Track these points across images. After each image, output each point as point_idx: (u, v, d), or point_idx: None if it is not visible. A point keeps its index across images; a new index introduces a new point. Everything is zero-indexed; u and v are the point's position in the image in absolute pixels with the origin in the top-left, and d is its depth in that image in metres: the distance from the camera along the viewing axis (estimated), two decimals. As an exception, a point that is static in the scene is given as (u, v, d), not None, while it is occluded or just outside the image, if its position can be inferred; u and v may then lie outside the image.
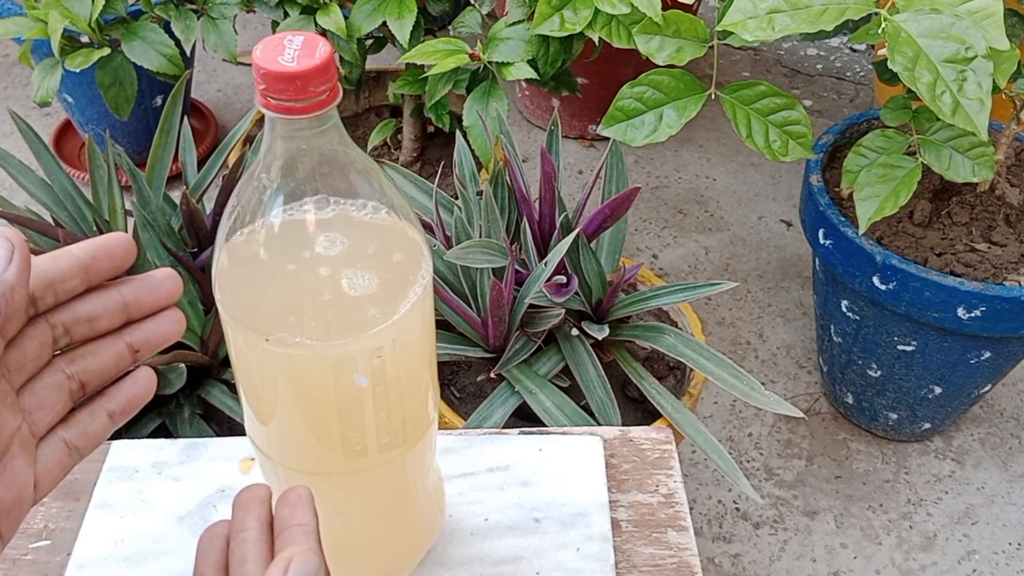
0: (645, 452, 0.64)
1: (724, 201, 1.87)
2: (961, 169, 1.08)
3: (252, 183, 0.41)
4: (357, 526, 0.53)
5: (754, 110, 1.01)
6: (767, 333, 1.62)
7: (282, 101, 0.37)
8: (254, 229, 0.41)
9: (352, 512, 0.52)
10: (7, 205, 1.04)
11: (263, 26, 2.22)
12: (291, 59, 0.37)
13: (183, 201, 1.02)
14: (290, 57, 0.37)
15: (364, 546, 0.54)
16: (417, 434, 0.49)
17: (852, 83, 2.16)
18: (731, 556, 1.33)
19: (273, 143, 0.39)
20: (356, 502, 0.51)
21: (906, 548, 1.34)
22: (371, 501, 0.51)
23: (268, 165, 0.40)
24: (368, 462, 0.47)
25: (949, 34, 0.82)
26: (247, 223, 0.41)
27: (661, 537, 0.59)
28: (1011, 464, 1.45)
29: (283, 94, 0.37)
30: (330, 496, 0.50)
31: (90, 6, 1.17)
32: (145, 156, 1.10)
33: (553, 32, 1.05)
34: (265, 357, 0.42)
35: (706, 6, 1.95)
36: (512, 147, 1.03)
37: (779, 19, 0.85)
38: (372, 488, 0.50)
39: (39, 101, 1.19)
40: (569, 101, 1.93)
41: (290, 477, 0.48)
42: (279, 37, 0.38)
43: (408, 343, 0.44)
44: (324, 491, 0.50)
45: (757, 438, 1.47)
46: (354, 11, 1.20)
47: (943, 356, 1.26)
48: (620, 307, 1.04)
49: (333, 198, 0.42)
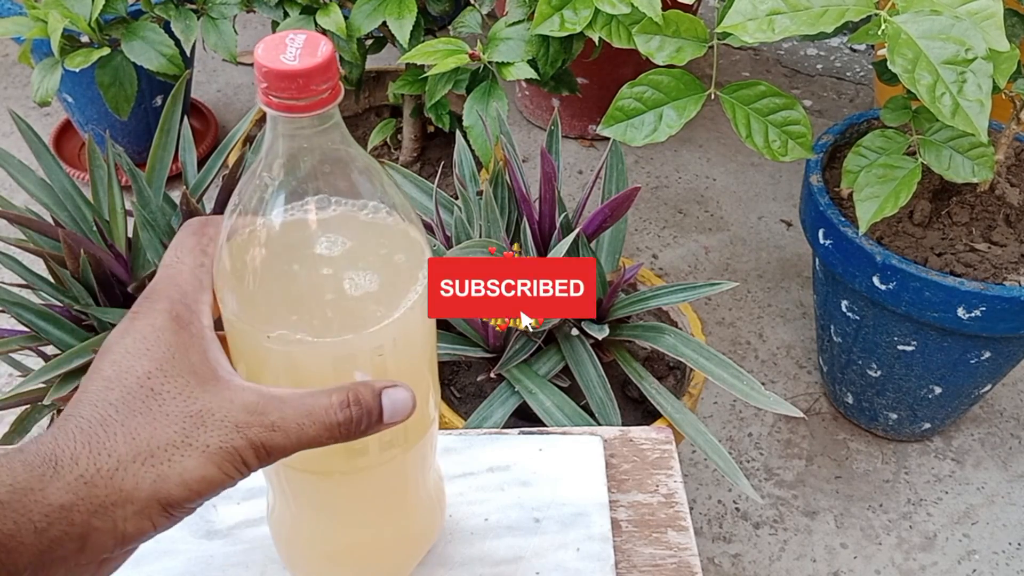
0: (645, 452, 0.64)
1: (724, 201, 1.87)
2: (961, 169, 1.08)
3: (253, 181, 0.41)
4: (358, 526, 0.53)
5: (754, 110, 1.01)
6: (767, 333, 1.62)
7: (284, 99, 0.37)
8: (255, 228, 0.41)
9: (353, 512, 0.52)
10: (7, 205, 1.04)
11: (263, 26, 2.22)
12: (293, 57, 0.37)
13: (183, 201, 1.02)
14: (292, 55, 0.37)
15: (365, 546, 0.54)
16: (418, 433, 0.49)
17: (852, 83, 2.16)
18: (731, 556, 1.33)
19: (275, 141, 0.40)
20: (357, 502, 0.51)
21: (906, 548, 1.34)
22: (372, 501, 0.51)
23: (270, 163, 0.40)
24: (369, 461, 0.47)
25: (949, 35, 0.82)
26: (248, 221, 0.42)
27: (661, 537, 0.59)
28: (1011, 464, 1.45)
29: (285, 92, 0.37)
30: (330, 496, 0.50)
31: (90, 6, 1.17)
32: (145, 156, 1.09)
33: (553, 32, 1.05)
34: (266, 355, 0.42)
35: (706, 6, 1.95)
36: (512, 147, 1.03)
37: (779, 21, 0.85)
38: (373, 487, 0.50)
39: (39, 101, 1.19)
40: (569, 101, 1.93)
41: (290, 476, 0.48)
42: (281, 36, 0.38)
43: (409, 342, 0.44)
44: (325, 491, 0.50)
45: (757, 438, 1.48)
46: (354, 11, 1.20)
47: (943, 356, 1.26)
48: (620, 307, 1.04)
49: (334, 197, 0.42)
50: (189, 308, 0.41)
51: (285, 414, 0.39)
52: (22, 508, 0.35)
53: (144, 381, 0.38)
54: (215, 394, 0.39)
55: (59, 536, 0.35)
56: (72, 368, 0.96)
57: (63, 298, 1.02)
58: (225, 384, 0.39)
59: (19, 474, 0.35)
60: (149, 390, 0.38)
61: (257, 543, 0.57)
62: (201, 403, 0.38)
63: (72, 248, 0.97)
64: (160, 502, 0.37)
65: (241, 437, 0.38)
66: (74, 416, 0.37)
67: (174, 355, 0.39)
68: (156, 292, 0.41)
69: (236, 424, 0.38)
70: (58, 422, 0.38)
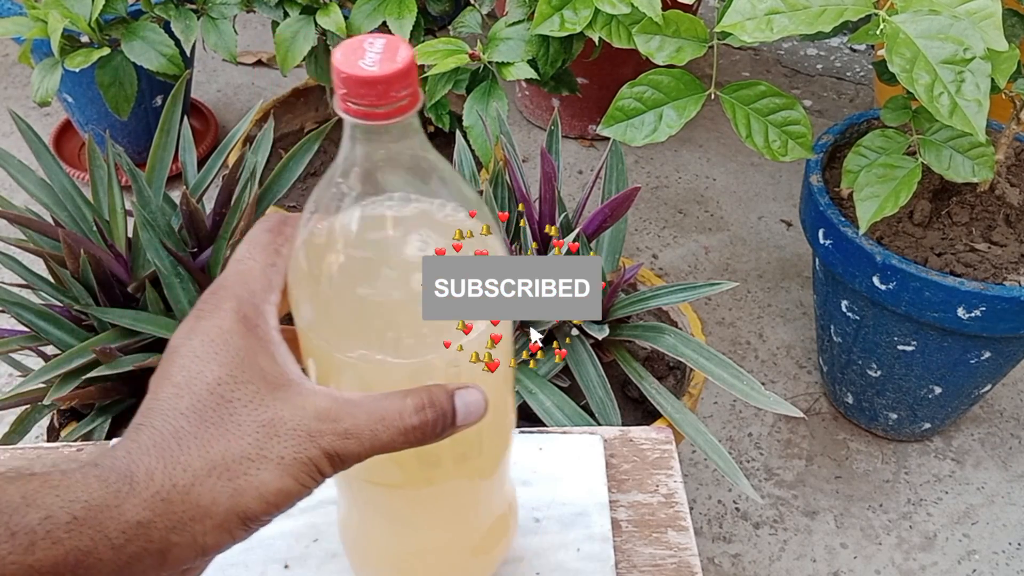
0: (645, 452, 0.64)
1: (724, 201, 1.87)
2: (961, 169, 1.08)
3: (330, 189, 0.40)
4: (429, 537, 0.52)
5: (754, 110, 1.01)
6: (767, 333, 1.62)
7: (363, 106, 0.36)
8: (332, 237, 0.40)
9: (424, 523, 0.51)
10: (7, 205, 1.04)
11: (263, 26, 2.22)
12: (372, 63, 0.36)
13: (183, 201, 1.02)
14: (371, 61, 0.36)
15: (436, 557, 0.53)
16: (495, 448, 0.48)
17: (852, 83, 2.16)
18: (731, 556, 1.33)
19: (352, 149, 0.38)
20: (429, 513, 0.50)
21: (906, 548, 1.34)
22: (444, 513, 0.50)
23: (347, 171, 0.39)
24: (443, 474, 0.47)
25: (947, 35, 0.82)
26: (324, 231, 0.40)
27: (661, 537, 0.59)
28: (1011, 464, 1.45)
29: (364, 99, 0.36)
30: (402, 511, 0.49)
31: (90, 6, 1.17)
32: (145, 156, 1.10)
33: (553, 32, 1.05)
34: (339, 364, 0.41)
35: (706, 6, 1.95)
36: (512, 147, 1.03)
37: (777, 20, 0.85)
38: (446, 500, 0.49)
39: (39, 101, 1.19)
40: (569, 101, 1.93)
41: (363, 488, 0.47)
42: (359, 40, 0.37)
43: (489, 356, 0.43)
44: (397, 506, 0.49)
45: (757, 438, 1.48)
46: (354, 11, 1.20)
47: (943, 356, 1.26)
48: (620, 307, 1.04)
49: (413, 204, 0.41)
50: (256, 308, 0.40)
51: (358, 420, 0.38)
52: (99, 525, 0.34)
53: (214, 388, 0.38)
54: (286, 401, 0.38)
55: (138, 552, 0.35)
56: (72, 368, 0.96)
57: (63, 298, 1.02)
58: (296, 389, 0.39)
59: (95, 491, 0.35)
60: (220, 397, 0.37)
61: (257, 543, 0.57)
62: (272, 411, 0.38)
63: (72, 248, 0.97)
64: (238, 516, 0.37)
65: (315, 446, 0.37)
66: (147, 426, 0.37)
67: (243, 359, 0.38)
68: (224, 289, 0.41)
69: (309, 433, 0.37)
70: (131, 432, 0.37)
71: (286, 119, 1.72)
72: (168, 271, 1.00)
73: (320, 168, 1.66)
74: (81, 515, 0.34)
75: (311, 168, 1.56)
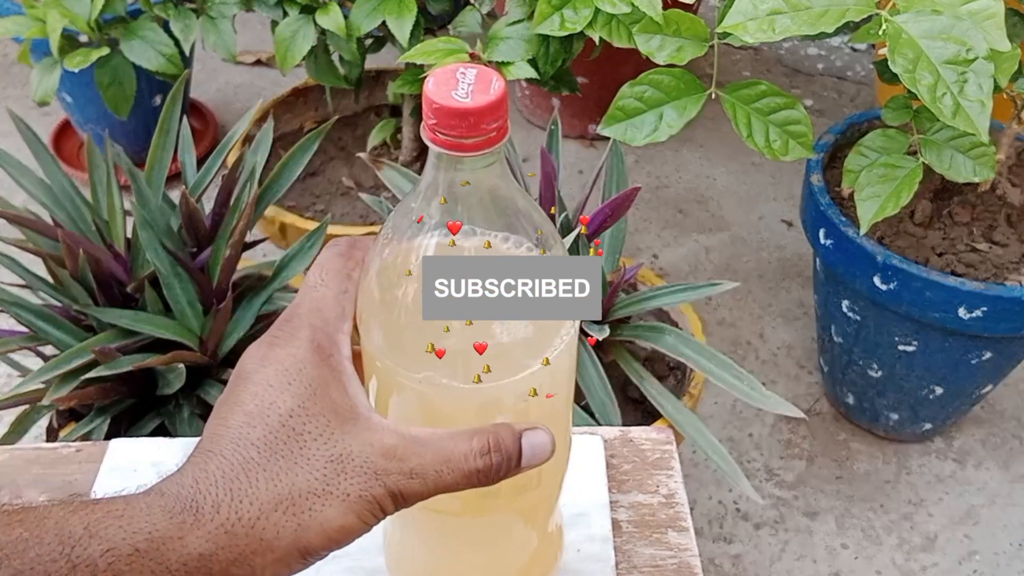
0: (645, 452, 0.64)
1: (725, 201, 1.86)
2: (962, 169, 1.08)
3: (409, 216, 0.40)
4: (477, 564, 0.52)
5: (754, 110, 1.01)
6: (767, 333, 1.62)
7: (452, 137, 0.36)
8: (408, 263, 0.40)
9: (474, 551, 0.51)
10: (6, 205, 1.04)
11: (263, 26, 2.22)
12: (465, 94, 0.36)
13: (182, 201, 1.02)
14: (464, 92, 0.36)
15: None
16: (552, 478, 0.48)
17: (853, 83, 2.16)
18: (732, 557, 1.33)
19: (436, 176, 0.38)
20: (479, 541, 0.50)
21: (907, 549, 1.34)
22: (496, 539, 0.50)
23: (428, 198, 0.39)
24: (501, 506, 0.46)
25: (950, 35, 0.81)
26: (401, 255, 0.40)
27: (662, 538, 0.59)
28: (1012, 465, 1.45)
29: (454, 130, 0.36)
30: (453, 536, 0.49)
31: (89, 5, 1.17)
32: (144, 156, 1.09)
33: (553, 31, 1.05)
34: (406, 391, 0.41)
35: (706, 5, 1.94)
36: (512, 147, 1.03)
37: (779, 20, 0.84)
38: (500, 528, 0.49)
39: (38, 100, 1.19)
40: (569, 101, 1.93)
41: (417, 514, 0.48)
42: (451, 69, 0.37)
43: (554, 386, 0.43)
44: (448, 531, 0.49)
45: (757, 438, 1.47)
46: (354, 10, 1.20)
47: (944, 356, 1.26)
48: (620, 307, 1.04)
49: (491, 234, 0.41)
50: (330, 337, 0.40)
51: (424, 460, 0.38)
52: (160, 556, 0.34)
53: (286, 420, 0.38)
54: (355, 436, 0.38)
55: None
56: (71, 368, 0.96)
57: (62, 298, 1.02)
58: (364, 424, 0.39)
59: (159, 521, 0.35)
60: (291, 430, 0.37)
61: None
62: (341, 446, 0.38)
63: (71, 248, 0.96)
64: (300, 551, 0.37)
65: (380, 485, 0.37)
66: (216, 454, 0.37)
67: (316, 391, 0.38)
68: (298, 317, 0.41)
69: (375, 471, 0.37)
70: (197, 458, 0.37)
71: (285, 119, 1.72)
72: (167, 271, 1.00)
73: (320, 168, 1.65)
74: (143, 547, 0.34)
75: (310, 168, 1.56)
